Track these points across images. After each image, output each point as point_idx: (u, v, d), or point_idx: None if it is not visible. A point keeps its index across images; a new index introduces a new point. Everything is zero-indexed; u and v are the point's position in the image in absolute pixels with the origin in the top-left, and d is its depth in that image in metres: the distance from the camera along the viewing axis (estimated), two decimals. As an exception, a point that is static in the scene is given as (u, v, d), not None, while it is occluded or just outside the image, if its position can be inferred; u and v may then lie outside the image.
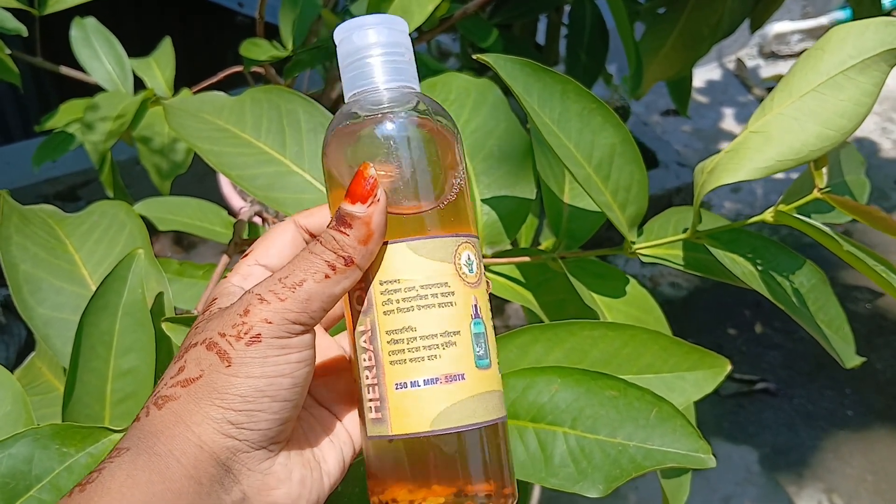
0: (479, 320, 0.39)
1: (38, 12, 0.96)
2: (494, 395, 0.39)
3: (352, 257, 0.37)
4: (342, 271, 0.37)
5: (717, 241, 0.58)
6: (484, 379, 0.39)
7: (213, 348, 0.36)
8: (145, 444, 0.35)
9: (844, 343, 0.61)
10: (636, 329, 0.54)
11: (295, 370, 0.36)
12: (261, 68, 1.05)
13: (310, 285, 0.36)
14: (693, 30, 1.14)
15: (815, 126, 0.50)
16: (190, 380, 0.36)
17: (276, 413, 0.36)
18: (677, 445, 0.46)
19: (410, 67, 0.41)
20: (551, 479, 0.47)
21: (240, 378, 0.35)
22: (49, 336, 0.58)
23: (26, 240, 0.60)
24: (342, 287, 0.37)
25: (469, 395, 0.38)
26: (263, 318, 0.36)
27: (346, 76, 0.41)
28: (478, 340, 0.38)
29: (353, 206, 0.37)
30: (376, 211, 0.37)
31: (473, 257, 0.39)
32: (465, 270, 0.39)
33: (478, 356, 0.38)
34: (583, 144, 0.57)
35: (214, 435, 0.35)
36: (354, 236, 0.37)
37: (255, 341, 0.36)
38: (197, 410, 0.35)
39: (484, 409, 0.38)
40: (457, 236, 0.39)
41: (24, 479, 0.44)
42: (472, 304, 0.39)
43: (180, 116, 0.63)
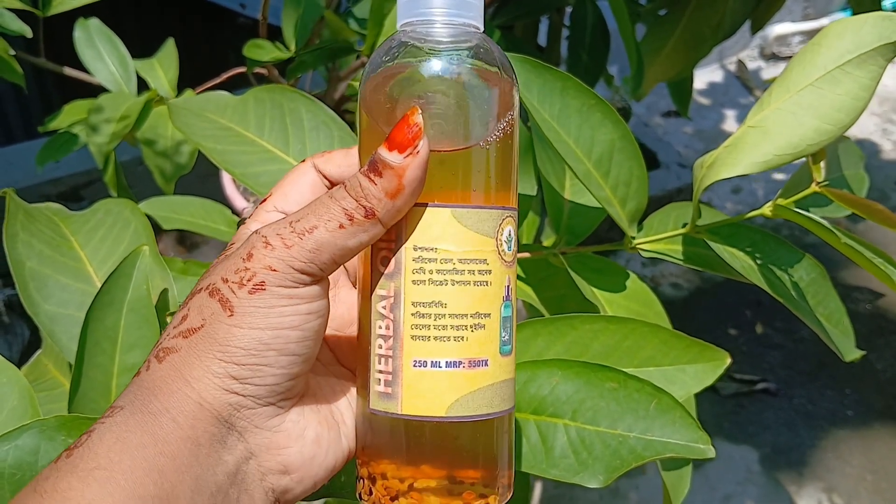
0: (509, 303, 0.36)
1: (42, 13, 0.96)
2: (510, 384, 0.37)
3: (374, 209, 0.33)
4: (360, 223, 0.33)
5: (717, 236, 0.59)
6: (505, 366, 0.36)
7: (215, 295, 0.33)
8: (141, 401, 0.32)
9: (844, 336, 0.61)
10: (636, 322, 0.54)
11: (304, 322, 0.33)
12: (264, 69, 1.06)
13: (321, 234, 0.33)
14: (694, 31, 1.14)
15: (812, 120, 0.51)
16: (192, 329, 0.33)
17: (283, 367, 0.33)
18: (677, 436, 0.47)
19: (477, 2, 0.36)
20: (552, 470, 0.48)
21: (243, 329, 0.32)
22: (55, 332, 0.59)
23: (32, 237, 0.60)
24: (358, 241, 0.33)
25: (489, 384, 0.35)
26: (267, 265, 0.33)
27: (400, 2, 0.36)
28: (505, 325, 0.36)
29: (390, 153, 0.33)
30: (413, 164, 0.33)
31: (514, 234, 0.36)
32: (505, 248, 0.35)
33: (503, 342, 0.36)
34: (582, 140, 0.58)
35: (215, 391, 0.33)
36: (383, 187, 0.33)
37: (258, 289, 0.33)
38: (198, 364, 0.33)
39: (500, 398, 0.36)
40: (503, 209, 0.35)
41: (30, 470, 0.44)
42: (505, 284, 0.35)
43: (184, 115, 0.64)
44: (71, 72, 1.07)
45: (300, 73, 1.00)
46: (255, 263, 0.33)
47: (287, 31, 1.01)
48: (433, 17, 0.35)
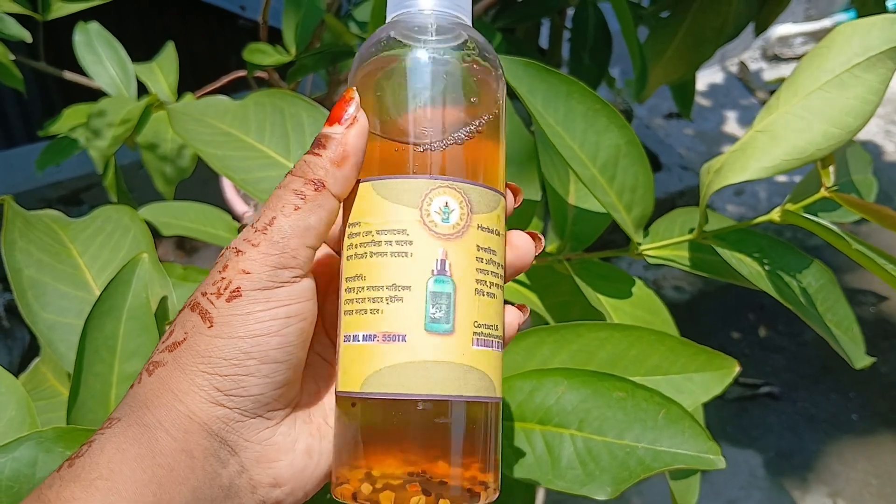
0: (444, 278, 0.33)
1: (42, 17, 0.96)
2: (453, 368, 0.33)
3: (322, 180, 0.33)
4: (313, 198, 0.33)
5: (724, 242, 0.58)
6: (436, 346, 0.33)
7: (195, 308, 0.33)
8: (136, 414, 0.32)
9: (853, 343, 0.60)
10: (643, 330, 0.54)
11: (283, 327, 0.33)
12: (264, 73, 1.06)
13: (280, 221, 0.33)
14: (697, 33, 1.14)
15: (821, 125, 0.50)
16: (176, 343, 0.33)
17: (266, 376, 0.33)
18: (686, 447, 0.46)
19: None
20: (558, 481, 0.47)
21: (222, 339, 0.32)
22: (53, 340, 0.58)
23: (30, 244, 0.60)
24: (318, 217, 0.33)
25: (407, 360, 0.33)
26: (241, 269, 0.33)
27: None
28: (436, 300, 0.33)
29: (331, 127, 0.34)
30: (353, 131, 0.34)
31: (455, 205, 0.34)
32: (436, 218, 0.34)
33: (431, 318, 0.33)
34: (588, 145, 0.57)
35: (203, 404, 0.33)
36: (327, 157, 0.34)
37: (235, 296, 0.33)
38: (183, 378, 0.33)
39: (427, 379, 0.33)
40: (430, 178, 0.34)
41: (27, 482, 0.43)
42: (436, 257, 0.33)
43: (184, 121, 0.63)
44: (71, 76, 1.07)
45: (301, 77, 1.00)
46: (230, 272, 0.33)
47: (288, 35, 1.00)
48: (422, 10, 0.36)
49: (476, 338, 0.34)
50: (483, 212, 0.35)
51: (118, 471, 0.31)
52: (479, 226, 0.34)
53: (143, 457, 0.31)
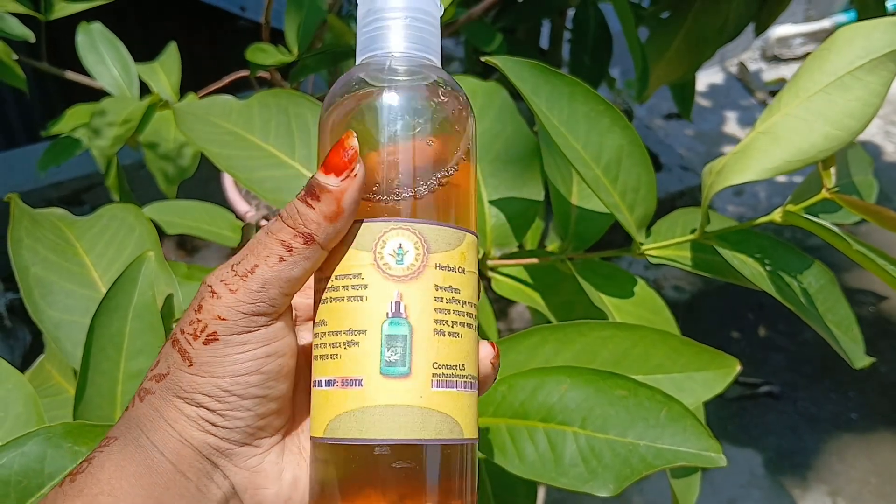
0: (399, 320, 0.33)
1: (45, 18, 0.96)
2: (411, 412, 0.33)
3: (313, 235, 0.32)
4: (299, 251, 0.32)
5: (726, 242, 0.59)
6: (392, 390, 0.33)
7: (175, 346, 0.33)
8: (132, 434, 0.33)
9: (853, 343, 0.61)
10: (646, 329, 0.54)
11: (262, 366, 0.33)
12: (266, 73, 1.06)
13: (262, 271, 0.32)
14: (697, 33, 1.14)
15: (823, 126, 0.51)
16: (161, 375, 0.34)
17: (250, 409, 0.33)
18: (688, 445, 0.47)
19: (432, 38, 0.36)
20: (561, 478, 0.47)
21: (203, 377, 0.33)
22: (59, 338, 0.58)
23: (37, 243, 0.60)
24: (302, 269, 0.33)
25: (364, 406, 0.33)
26: (216, 315, 0.32)
27: (360, 38, 0.36)
28: (391, 343, 0.33)
29: (327, 176, 0.32)
30: (351, 187, 0.32)
31: (409, 246, 0.33)
32: (390, 261, 0.33)
33: (387, 361, 0.33)
34: (591, 146, 0.58)
35: (194, 431, 0.33)
36: (321, 211, 0.32)
37: (211, 340, 0.32)
38: (171, 407, 0.33)
39: (383, 424, 0.32)
40: (385, 221, 0.33)
41: (36, 477, 0.44)
42: (390, 300, 0.33)
43: (189, 120, 0.64)
44: (73, 76, 1.07)
45: (303, 77, 1.00)
46: (205, 315, 0.33)
47: (290, 35, 1.01)
48: (391, 53, 0.35)
49: (436, 379, 0.33)
50: (442, 250, 0.34)
51: (118, 486, 0.32)
52: (438, 265, 0.33)
53: (141, 474, 0.32)
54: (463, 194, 0.35)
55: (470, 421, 0.34)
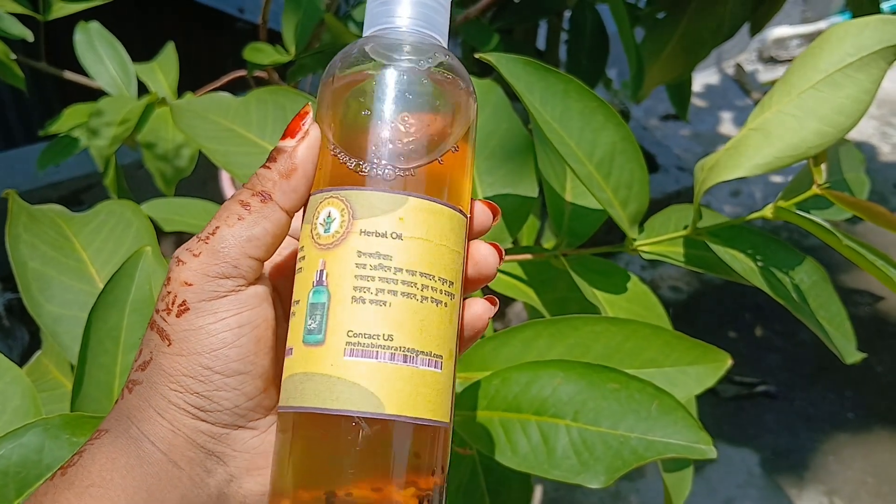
0: (320, 288, 0.33)
1: (43, 17, 0.96)
2: (322, 381, 0.32)
3: (269, 192, 0.33)
4: (258, 209, 0.33)
5: (718, 238, 0.59)
6: (311, 358, 0.32)
7: (153, 327, 0.33)
8: (123, 426, 0.33)
9: (845, 339, 0.61)
10: (638, 324, 0.55)
11: (237, 336, 0.33)
12: (264, 73, 1.06)
13: (222, 231, 0.33)
14: (693, 34, 1.14)
15: (814, 123, 0.51)
16: (145, 363, 0.34)
17: (236, 388, 0.33)
18: (678, 437, 0.47)
19: (441, 18, 0.36)
20: (554, 470, 0.48)
21: (183, 356, 0.32)
22: (57, 333, 0.59)
23: (35, 238, 0.61)
24: (262, 228, 0.33)
25: (291, 374, 0.33)
26: (183, 281, 0.32)
27: (369, 10, 0.37)
28: (312, 312, 0.32)
29: (284, 140, 0.34)
30: (303, 144, 0.34)
31: (336, 214, 0.33)
32: (320, 230, 0.33)
33: (307, 330, 0.32)
34: (584, 142, 0.58)
35: (184, 418, 0.33)
36: (276, 169, 0.33)
37: (183, 310, 0.32)
38: (159, 396, 0.33)
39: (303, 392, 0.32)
40: (320, 192, 0.34)
41: (34, 468, 0.44)
42: (318, 268, 0.33)
43: (187, 117, 0.64)
44: (71, 75, 1.07)
45: (300, 77, 1.01)
46: (173, 285, 0.33)
47: (287, 35, 1.01)
48: (397, 26, 0.35)
49: (350, 348, 0.32)
50: (368, 216, 0.33)
51: (109, 478, 0.32)
52: (363, 231, 0.33)
53: (132, 466, 0.32)
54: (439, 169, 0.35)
55: (399, 397, 0.32)
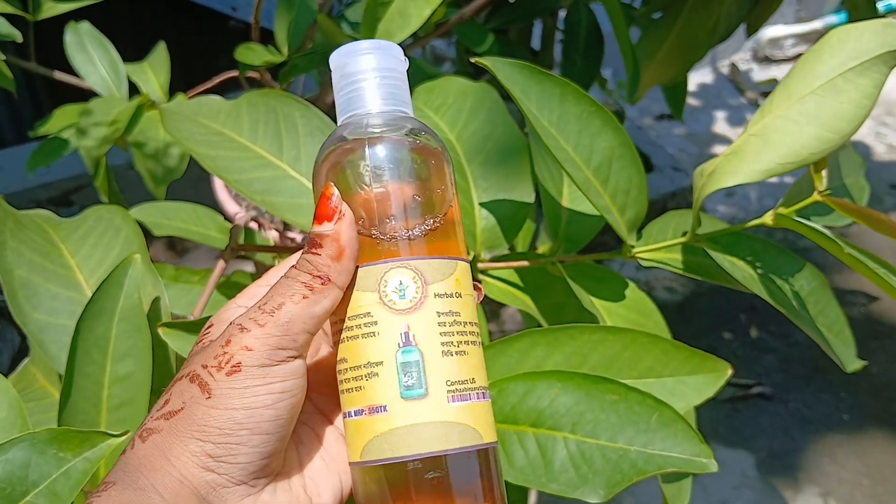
0: (410, 348, 0.37)
1: (32, 17, 0.95)
2: (433, 427, 0.36)
3: (328, 275, 0.36)
4: (320, 290, 0.36)
5: (717, 245, 0.58)
6: (414, 410, 0.36)
7: (195, 380, 0.36)
8: (130, 477, 0.34)
9: (845, 346, 0.61)
10: (636, 333, 0.54)
11: (277, 401, 0.35)
12: (256, 73, 1.05)
13: (289, 307, 0.36)
14: (689, 34, 1.14)
15: (814, 129, 0.50)
16: (172, 412, 0.36)
17: (256, 447, 0.35)
18: (679, 450, 0.46)
19: (403, 92, 0.41)
20: (551, 484, 0.47)
21: (219, 410, 0.35)
22: (44, 342, 0.58)
23: (21, 245, 0.59)
24: (322, 307, 0.36)
25: (392, 428, 0.36)
26: (244, 346, 0.35)
27: (339, 101, 0.41)
28: (406, 369, 0.36)
29: (321, 225, 0.37)
30: (343, 226, 0.37)
31: (409, 282, 0.37)
32: (394, 297, 0.37)
33: (405, 386, 0.36)
34: (581, 147, 0.57)
35: (194, 469, 0.35)
36: (326, 254, 0.36)
37: (235, 371, 0.35)
38: (177, 444, 0.35)
39: (411, 441, 0.36)
40: (384, 263, 0.37)
41: (20, 484, 0.43)
42: (400, 331, 0.37)
43: (176, 120, 0.63)
44: (61, 76, 1.06)
45: (293, 77, 1.00)
46: (233, 347, 0.35)
47: (280, 35, 1.00)
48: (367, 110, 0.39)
49: (451, 395, 0.37)
50: (438, 280, 0.38)
51: None
52: (437, 294, 0.37)
53: None
54: (450, 227, 0.39)
55: (487, 427, 0.38)
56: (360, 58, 0.40)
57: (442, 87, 0.68)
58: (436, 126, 0.66)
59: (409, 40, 1.01)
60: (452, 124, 0.66)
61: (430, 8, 0.78)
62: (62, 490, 0.44)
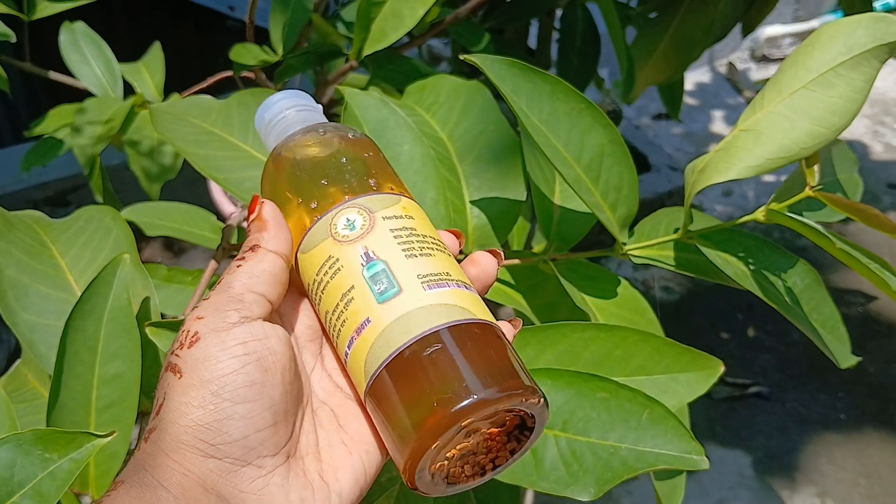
0: (373, 262, 0.38)
1: (27, 17, 0.95)
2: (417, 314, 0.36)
3: (257, 243, 0.39)
4: (252, 256, 0.38)
5: (709, 241, 0.58)
6: (395, 307, 0.37)
7: (168, 368, 0.36)
8: (138, 476, 0.34)
9: (839, 343, 0.60)
10: (628, 331, 0.53)
11: (244, 364, 0.35)
12: (251, 73, 1.05)
13: (227, 277, 0.38)
14: (685, 34, 1.14)
15: (805, 124, 0.50)
16: (159, 406, 0.36)
17: (244, 417, 0.35)
18: (669, 447, 0.46)
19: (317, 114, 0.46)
20: (542, 482, 0.47)
21: (194, 387, 0.35)
22: (34, 342, 0.58)
23: (11, 245, 0.59)
24: (261, 268, 0.38)
25: (380, 332, 0.37)
26: (196, 317, 0.37)
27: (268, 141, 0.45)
28: (375, 279, 0.38)
29: (250, 216, 0.40)
30: (265, 206, 0.40)
31: (355, 215, 0.39)
32: (345, 232, 0.39)
33: (378, 293, 0.37)
34: (572, 145, 0.57)
35: (194, 458, 0.34)
36: (254, 229, 0.40)
37: (195, 341, 0.36)
38: (170, 438, 0.35)
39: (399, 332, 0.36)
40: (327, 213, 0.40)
41: (5, 485, 0.43)
42: (360, 253, 0.38)
43: (167, 120, 0.63)
44: (56, 76, 1.06)
45: (288, 77, 0.99)
46: (188, 323, 0.37)
47: (275, 35, 1.00)
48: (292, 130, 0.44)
49: (426, 285, 0.37)
50: (383, 208, 0.40)
51: None
52: (385, 217, 0.39)
53: None
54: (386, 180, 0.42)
55: (477, 308, 0.38)
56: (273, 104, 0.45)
57: (433, 85, 0.68)
58: (427, 124, 0.66)
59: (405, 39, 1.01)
60: (444, 123, 0.66)
61: (424, 8, 0.78)
62: (48, 491, 0.43)
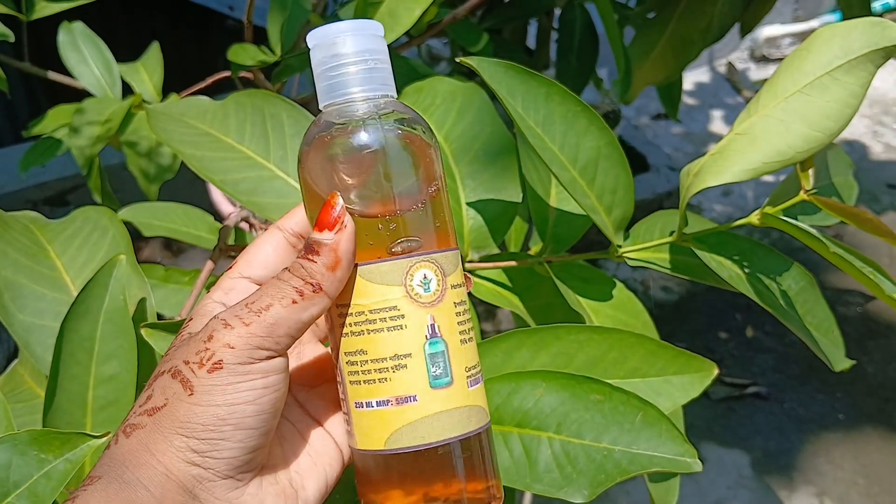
0: (436, 340, 0.38)
1: (26, 18, 0.95)
2: (459, 412, 0.38)
3: (320, 284, 0.37)
4: (310, 297, 0.36)
5: (704, 244, 0.58)
6: (443, 398, 0.38)
7: (177, 377, 0.36)
8: (115, 472, 0.35)
9: (833, 346, 0.60)
10: (622, 333, 0.53)
11: (259, 397, 0.36)
12: (249, 73, 1.05)
13: (277, 310, 0.36)
14: (683, 34, 1.14)
15: (801, 127, 0.50)
16: (155, 408, 0.36)
17: (240, 441, 0.36)
18: (663, 449, 0.46)
19: (385, 74, 0.40)
20: (536, 484, 0.47)
21: (202, 407, 0.35)
22: (30, 343, 0.58)
23: (7, 245, 0.59)
24: (310, 314, 0.37)
25: (422, 416, 0.38)
26: (226, 343, 0.35)
27: (320, 85, 0.40)
28: (434, 360, 0.38)
29: (321, 233, 0.37)
30: (343, 237, 0.37)
31: (432, 275, 0.38)
32: (419, 291, 0.38)
33: (433, 376, 0.38)
34: (567, 147, 0.57)
35: (179, 463, 0.35)
36: (322, 263, 0.37)
37: (216, 368, 0.35)
38: (161, 440, 0.35)
39: (441, 427, 0.38)
40: (409, 257, 0.38)
41: (1, 485, 0.43)
42: (427, 324, 0.38)
43: (163, 121, 0.63)
44: (55, 76, 1.06)
45: (286, 77, 0.99)
46: (215, 343, 0.36)
47: (273, 35, 1.00)
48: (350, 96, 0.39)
49: (469, 380, 0.39)
50: (452, 272, 0.39)
51: None
52: (452, 286, 0.39)
53: None
54: (448, 215, 0.40)
55: (487, 404, 0.41)
56: (340, 40, 0.39)
57: (430, 87, 0.68)
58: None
59: (403, 39, 1.01)
60: (440, 125, 0.66)
61: (421, 8, 0.78)
62: (43, 491, 0.44)
